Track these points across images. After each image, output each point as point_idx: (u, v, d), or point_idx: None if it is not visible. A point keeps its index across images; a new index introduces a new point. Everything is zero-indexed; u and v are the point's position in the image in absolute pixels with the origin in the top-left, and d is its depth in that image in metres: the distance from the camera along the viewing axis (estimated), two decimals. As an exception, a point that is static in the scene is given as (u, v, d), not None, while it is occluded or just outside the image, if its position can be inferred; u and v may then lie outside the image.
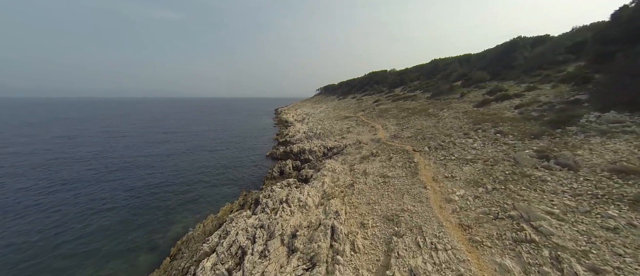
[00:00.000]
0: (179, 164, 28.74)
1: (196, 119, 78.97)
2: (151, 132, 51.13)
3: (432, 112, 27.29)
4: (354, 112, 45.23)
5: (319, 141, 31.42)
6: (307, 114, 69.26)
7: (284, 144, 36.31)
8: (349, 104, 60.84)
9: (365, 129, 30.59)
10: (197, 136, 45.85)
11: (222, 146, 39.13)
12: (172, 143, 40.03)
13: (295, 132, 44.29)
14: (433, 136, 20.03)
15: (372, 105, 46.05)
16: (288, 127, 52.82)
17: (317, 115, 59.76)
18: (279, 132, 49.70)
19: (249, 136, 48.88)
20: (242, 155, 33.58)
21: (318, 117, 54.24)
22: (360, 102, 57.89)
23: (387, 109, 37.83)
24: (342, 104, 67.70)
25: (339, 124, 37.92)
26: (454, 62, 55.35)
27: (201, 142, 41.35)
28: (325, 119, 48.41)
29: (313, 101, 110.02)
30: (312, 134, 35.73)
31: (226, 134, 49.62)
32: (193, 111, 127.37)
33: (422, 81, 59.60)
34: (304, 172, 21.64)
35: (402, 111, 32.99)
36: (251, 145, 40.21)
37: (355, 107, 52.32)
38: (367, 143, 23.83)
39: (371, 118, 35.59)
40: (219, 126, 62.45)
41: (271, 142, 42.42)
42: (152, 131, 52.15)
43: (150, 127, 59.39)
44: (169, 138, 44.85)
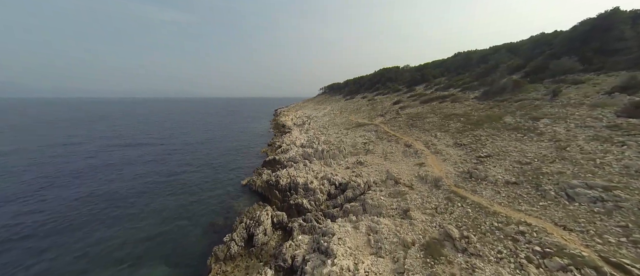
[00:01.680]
0: (112, 204, 18.05)
1: (188, 124, 68.64)
2: (117, 144, 40.76)
3: (517, 123, 15.97)
4: (370, 118, 33.98)
5: (322, 165, 20.41)
6: (308, 118, 58.27)
7: (270, 165, 25.39)
8: (358, 106, 49.63)
9: (396, 149, 19.46)
10: (172, 151, 35.11)
11: (193, 165, 28.38)
12: (133, 164, 29.42)
13: (290, 143, 33.40)
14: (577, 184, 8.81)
15: (393, 108, 34.76)
16: (283, 135, 41.92)
17: (319, 119, 48.68)
18: (271, 143, 38.88)
19: (234, 147, 38.10)
20: (210, 184, 22.73)
21: (321, 123, 43.15)
22: (373, 103, 46.59)
23: (419, 114, 26.52)
24: (350, 105, 56.48)
25: (351, 135, 26.76)
26: (494, 53, 43.67)
27: (171, 159, 30.67)
28: (330, 125, 37.30)
29: (316, 101, 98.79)
30: (312, 150, 24.68)
31: (208, 146, 38.88)
32: (194, 112, 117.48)
33: (449, 76, 48.11)
34: (289, 251, 10.64)
35: (448, 119, 21.70)
36: (230, 163, 29.40)
37: (369, 109, 41.02)
38: (412, 185, 12.69)
39: (399, 128, 24.35)
40: (207, 133, 51.89)
41: (257, 158, 31.55)
42: (119, 143, 41.78)
43: (123, 136, 49.11)
44: (136, 154, 34.33)
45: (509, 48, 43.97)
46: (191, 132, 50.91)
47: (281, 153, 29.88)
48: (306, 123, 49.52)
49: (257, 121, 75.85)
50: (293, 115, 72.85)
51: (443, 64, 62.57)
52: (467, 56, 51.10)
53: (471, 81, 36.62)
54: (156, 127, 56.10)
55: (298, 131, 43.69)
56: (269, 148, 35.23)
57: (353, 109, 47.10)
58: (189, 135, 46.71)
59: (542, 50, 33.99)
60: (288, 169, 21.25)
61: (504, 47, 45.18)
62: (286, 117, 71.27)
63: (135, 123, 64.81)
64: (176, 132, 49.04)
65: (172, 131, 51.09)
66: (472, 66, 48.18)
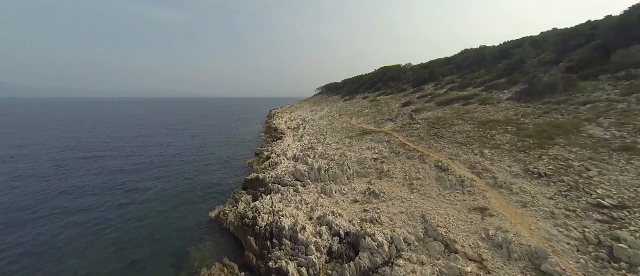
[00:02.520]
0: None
1: (170, 128, 62.29)
2: (66, 157, 34.62)
3: (617, 138, 10.43)
4: (376, 123, 28.37)
5: (319, 193, 14.74)
6: (303, 120, 52.58)
7: (252, 185, 19.67)
8: (360, 107, 44.08)
9: (424, 172, 13.88)
10: (136, 165, 28.96)
11: (155, 190, 22.48)
12: (68, 193, 23.44)
13: (281, 153, 27.72)
14: None
15: (404, 110, 29.26)
16: (274, 142, 36.19)
17: (316, 123, 43.03)
18: (259, 151, 33.12)
19: (215, 158, 32.20)
20: (169, 218, 16.89)
21: (318, 128, 37.50)
22: (377, 105, 41.06)
23: (441, 119, 20.99)
24: (349, 106, 50.91)
25: (356, 147, 21.09)
26: (514, 48, 38.49)
27: (129, 180, 24.64)
28: (329, 131, 31.64)
29: (312, 101, 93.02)
30: (306, 167, 18.99)
31: (184, 157, 32.80)
32: (182, 113, 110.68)
33: (460, 74, 42.87)
34: None
35: (488, 127, 16.20)
36: (205, 182, 23.59)
37: (373, 112, 35.44)
38: (482, 261, 7.02)
39: (419, 139, 18.72)
40: (188, 139, 45.72)
41: (240, 173, 25.81)
42: (70, 156, 35.64)
43: (81, 146, 42.88)
44: (83, 172, 28.32)
45: (530, 42, 38.83)
46: (170, 138, 44.75)
47: (268, 168, 24.18)
48: (301, 127, 43.86)
49: (249, 124, 69.91)
50: (287, 117, 67.09)
51: (450, 62, 57.44)
52: (479, 52, 45.89)
53: (493, 79, 31.35)
54: (130, 133, 49.77)
55: (291, 137, 37.98)
56: (256, 159, 29.46)
57: (354, 112, 41.50)
58: (166, 143, 40.59)
59: (577, 42, 28.87)
60: (272, 198, 15.54)
61: (525, 40, 39.99)
62: (280, 120, 65.51)
63: (107, 127, 58.24)
64: (151, 139, 42.82)
65: (147, 137, 44.83)
66: (487, 63, 43.06)
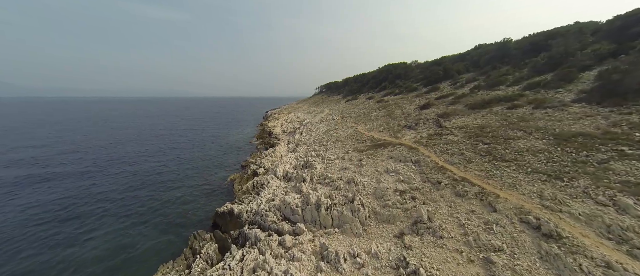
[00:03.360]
0: None
1: (153, 133, 56.43)
2: (16, 175, 28.88)
3: None
4: (392, 131, 22.47)
5: (317, 254, 8.99)
6: (300, 123, 46.83)
7: (224, 221, 13.96)
8: (366, 110, 38.31)
9: (502, 230, 7.98)
10: (91, 189, 22.93)
11: (96, 231, 16.75)
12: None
13: (271, 167, 22.03)
14: None
15: (424, 115, 23.44)
16: (266, 151, 30.41)
17: (315, 127, 37.25)
18: (247, 163, 27.39)
19: (194, 173, 26.39)
20: None
21: (317, 134, 31.68)
22: (385, 106, 35.26)
23: (487, 129, 15.16)
24: (353, 108, 45.14)
25: (369, 169, 15.18)
26: (547, 40, 32.72)
27: (69, 213, 18.86)
28: (331, 140, 25.83)
29: (311, 102, 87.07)
30: (300, 200, 13.24)
31: (155, 175, 26.92)
32: (172, 115, 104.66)
33: (479, 72, 37.15)
34: None
35: (584, 146, 10.45)
36: (171, 214, 17.76)
37: (384, 116, 29.60)
38: None
39: (465, 161, 12.79)
40: (168, 148, 39.73)
41: (217, 196, 20.05)
42: (21, 173, 29.88)
43: (42, 157, 37.15)
44: (25, 200, 22.59)
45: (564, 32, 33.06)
46: (148, 147, 38.78)
47: (251, 191, 18.45)
48: (298, 132, 38.14)
49: (242, 127, 64.11)
50: (284, 119, 61.34)
51: (464, 58, 51.73)
52: (501, 47, 40.08)
53: (532, 76, 25.62)
54: (106, 140, 43.85)
55: (285, 144, 32.20)
56: (240, 175, 23.68)
57: (359, 115, 35.70)
58: (142, 153, 34.51)
59: (642, 29, 23.16)
60: (244, 257, 9.82)
61: (558, 31, 34.17)
62: (275, 122, 59.78)
63: (85, 132, 52.23)
64: (126, 149, 36.82)
65: (122, 146, 38.86)
66: (512, 58, 37.36)
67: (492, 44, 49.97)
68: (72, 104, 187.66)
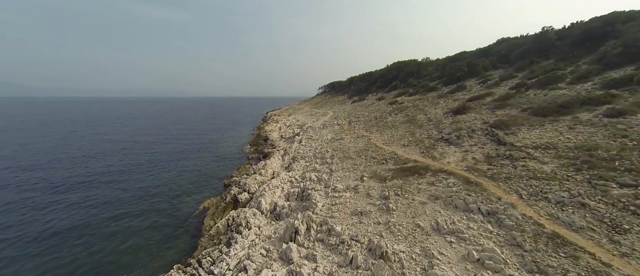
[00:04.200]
0: None
1: (135, 138, 51.02)
2: None
3: None
4: (421, 146, 16.36)
5: None
6: (300, 128, 41.00)
7: None
8: (378, 113, 32.28)
9: None
10: (18, 223, 17.42)
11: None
12: None
13: (256, 195, 16.19)
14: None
15: (462, 122, 17.37)
16: (254, 168, 24.56)
17: (317, 134, 31.27)
18: (230, 181, 21.58)
19: (162, 197, 20.69)
20: None
21: (319, 144, 25.69)
22: (402, 109, 29.18)
23: (602, 152, 9.12)
24: (361, 110, 39.14)
25: (404, 220, 9.16)
26: (605, 26, 26.38)
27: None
28: (337, 154, 19.84)
29: (313, 103, 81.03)
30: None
31: (121, 194, 21.27)
32: (163, 116, 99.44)
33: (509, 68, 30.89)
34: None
35: None
36: (116, 262, 12.00)
37: (404, 123, 23.52)
38: None
39: (598, 221, 6.81)
40: (145, 158, 34.26)
41: (178, 236, 14.28)
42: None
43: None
44: None
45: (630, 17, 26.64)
46: (116, 160, 32.76)
47: (222, 238, 12.66)
48: (296, 138, 32.30)
49: (237, 130, 58.43)
50: (283, 122, 55.54)
51: (487, 53, 45.51)
52: (540, 37, 33.70)
53: (605, 69, 19.38)
54: (74, 148, 38.32)
55: (280, 157, 26.33)
56: (216, 204, 17.84)
57: (370, 120, 29.66)
58: (102, 171, 28.05)
59: None
60: None
61: (634, 13, 27.55)
62: (273, 126, 54.00)
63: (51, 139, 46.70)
64: (86, 164, 30.52)
65: (85, 160, 32.81)
66: (557, 49, 31.14)
67: (520, 37, 43.62)
68: (64, 104, 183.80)
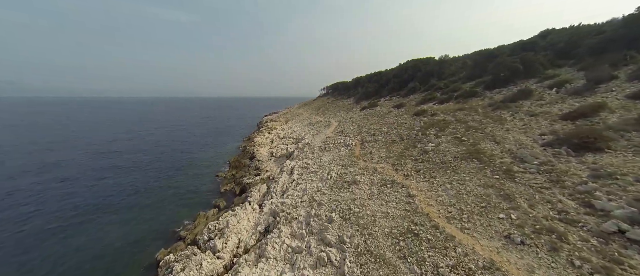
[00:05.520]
0: None
1: (96, 151, 42.74)
2: None
3: None
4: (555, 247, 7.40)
5: None
6: (296, 141, 32.11)
7: None
8: (401, 128, 23.23)
9: None
10: None
11: None
12: None
13: None
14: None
15: (616, 171, 8.32)
16: (217, 222, 15.63)
17: (317, 158, 22.12)
18: (186, 234, 12.76)
19: (89, 254, 11.89)
20: None
21: (318, 184, 16.53)
22: (438, 124, 20.07)
23: None
24: (375, 122, 30.03)
25: None
26: None
27: None
28: (351, 216, 10.98)
29: (314, 106, 71.84)
30: None
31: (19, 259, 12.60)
32: (156, 119, 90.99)
33: (578, 64, 21.63)
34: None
35: None
36: None
37: (464, 158, 14.38)
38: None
39: None
40: (92, 184, 25.80)
41: None
42: None
43: None
44: None
45: None
46: (64, 183, 24.41)
47: None
48: (287, 165, 23.34)
49: (223, 142, 49.64)
50: (276, 133, 46.62)
51: (530, 47, 36.03)
52: (630, 22, 24.32)
53: None
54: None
55: (261, 195, 17.43)
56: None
57: (394, 142, 20.56)
58: (49, 199, 20.15)
59: None
60: None
61: None
62: (266, 136, 45.16)
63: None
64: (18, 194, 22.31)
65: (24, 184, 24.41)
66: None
67: (566, 29, 34.07)
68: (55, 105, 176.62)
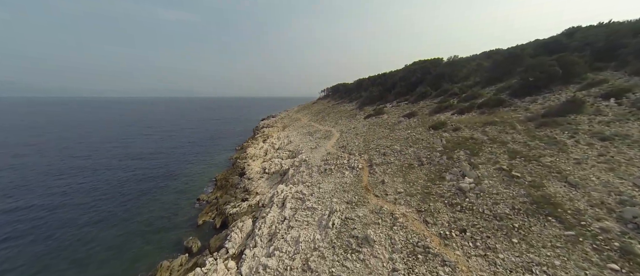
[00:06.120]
0: None
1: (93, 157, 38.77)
2: None
3: None
4: None
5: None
6: (292, 157, 27.92)
7: None
8: (417, 146, 18.98)
9: None
10: None
11: None
12: None
13: None
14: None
15: None
16: (193, 274, 11.50)
17: (315, 189, 17.85)
18: None
19: None
20: None
21: (315, 232, 12.31)
22: (466, 144, 15.84)
23: None
24: (383, 134, 25.74)
25: None
26: None
27: None
28: None
29: (313, 111, 67.43)
30: None
31: None
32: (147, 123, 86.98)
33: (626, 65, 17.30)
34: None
35: None
36: None
37: (528, 213, 10.12)
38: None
39: None
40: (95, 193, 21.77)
41: None
42: None
43: None
44: None
45: None
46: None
47: None
48: (278, 196, 19.12)
49: (214, 150, 45.53)
50: (272, 141, 42.41)
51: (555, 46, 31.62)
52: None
53: None
54: None
55: (242, 238, 13.27)
56: None
57: (411, 168, 16.32)
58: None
59: None
60: None
61: None
62: (260, 147, 40.98)
63: None
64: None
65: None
66: None
67: (617, 23, 29.64)
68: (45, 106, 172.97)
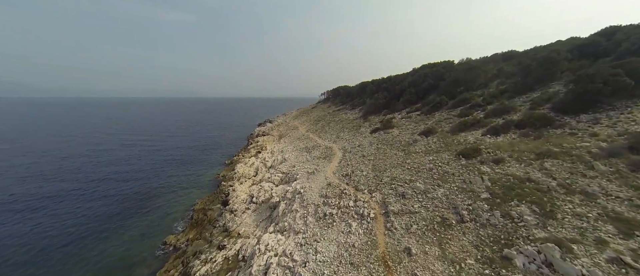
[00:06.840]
0: None
1: (54, 177, 34.21)
2: None
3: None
4: None
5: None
6: (285, 182, 23.14)
7: None
8: (455, 194, 14.30)
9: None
10: None
11: None
12: None
13: None
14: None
15: None
16: None
17: (310, 250, 13.13)
18: None
19: None
20: None
21: None
22: (525, 196, 11.14)
23: None
24: (397, 161, 20.92)
25: None
26: None
27: None
28: None
29: (312, 119, 62.39)
30: None
31: None
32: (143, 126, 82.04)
33: None
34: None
35: None
36: None
37: None
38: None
39: None
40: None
41: None
42: None
43: None
44: None
45: None
46: None
47: None
48: (272, 224, 14.40)
49: (201, 165, 40.80)
50: (264, 157, 37.62)
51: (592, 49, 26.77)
52: None
53: None
54: None
55: None
56: None
57: (449, 238, 11.49)
58: None
59: None
60: None
61: None
62: (250, 163, 36.25)
63: None
64: None
65: None
66: None
67: None
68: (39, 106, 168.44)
